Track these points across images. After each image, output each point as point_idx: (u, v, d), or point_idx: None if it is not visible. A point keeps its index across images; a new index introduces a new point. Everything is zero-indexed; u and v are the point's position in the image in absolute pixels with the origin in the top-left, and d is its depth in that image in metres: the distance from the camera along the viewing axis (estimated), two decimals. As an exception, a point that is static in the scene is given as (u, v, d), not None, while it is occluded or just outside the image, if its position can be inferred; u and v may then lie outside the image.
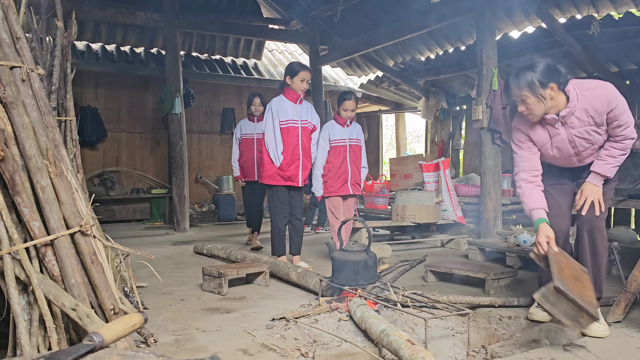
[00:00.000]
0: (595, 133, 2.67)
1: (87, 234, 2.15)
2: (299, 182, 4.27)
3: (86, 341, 1.14)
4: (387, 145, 16.08)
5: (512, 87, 2.66)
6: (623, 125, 2.63)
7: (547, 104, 2.61)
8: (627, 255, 4.11)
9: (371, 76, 9.09)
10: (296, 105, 4.27)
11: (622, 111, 2.60)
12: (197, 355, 2.43)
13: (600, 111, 2.61)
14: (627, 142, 2.67)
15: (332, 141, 4.56)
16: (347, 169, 4.55)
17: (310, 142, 4.37)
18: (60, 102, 3.00)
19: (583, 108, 2.64)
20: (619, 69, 6.24)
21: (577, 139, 2.70)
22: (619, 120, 2.62)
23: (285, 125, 4.22)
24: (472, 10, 5.43)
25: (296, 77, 4.19)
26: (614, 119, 2.62)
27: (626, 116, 2.62)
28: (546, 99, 2.60)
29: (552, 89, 2.58)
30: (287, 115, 4.23)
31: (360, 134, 4.72)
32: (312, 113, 4.41)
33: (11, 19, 2.16)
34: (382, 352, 2.43)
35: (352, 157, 4.58)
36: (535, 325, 2.94)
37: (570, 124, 2.67)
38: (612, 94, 2.60)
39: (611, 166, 2.69)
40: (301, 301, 3.37)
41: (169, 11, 7.30)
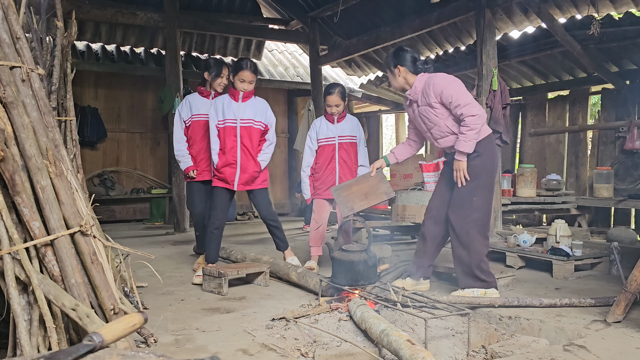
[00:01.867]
0: (431, 114, 3.27)
1: (87, 234, 2.15)
2: (234, 185, 3.97)
3: (86, 341, 1.14)
4: (387, 145, 16.06)
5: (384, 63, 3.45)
6: (458, 106, 3.13)
7: (398, 80, 3.35)
8: (627, 255, 4.11)
9: (371, 76, 9.09)
10: (240, 104, 4.00)
11: (451, 94, 3.14)
12: (197, 355, 2.44)
13: (429, 94, 3.22)
14: (467, 119, 3.13)
15: (319, 140, 4.32)
16: (334, 170, 4.27)
17: (253, 142, 4.00)
18: (60, 102, 3.00)
19: (421, 91, 3.28)
20: (619, 69, 6.24)
21: (422, 117, 3.34)
22: (452, 102, 3.15)
23: (222, 125, 3.99)
24: (472, 10, 5.43)
25: (236, 76, 3.98)
26: (448, 101, 3.17)
27: (458, 97, 3.13)
28: (396, 76, 3.33)
29: (399, 69, 3.30)
30: (225, 114, 3.98)
31: (356, 129, 4.38)
32: (264, 111, 4.10)
33: (11, 19, 2.16)
34: (382, 352, 2.43)
35: (342, 156, 4.28)
36: (535, 325, 2.95)
37: (418, 103, 3.33)
38: (438, 82, 3.20)
39: (463, 141, 3.17)
40: (301, 301, 3.37)
41: (169, 11, 7.30)
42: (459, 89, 3.18)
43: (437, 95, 3.19)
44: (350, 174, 4.27)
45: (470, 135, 3.14)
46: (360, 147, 4.39)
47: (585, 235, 5.34)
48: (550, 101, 7.23)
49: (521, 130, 7.62)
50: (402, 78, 3.32)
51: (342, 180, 4.19)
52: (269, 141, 4.12)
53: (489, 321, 3.07)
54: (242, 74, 3.95)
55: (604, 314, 3.00)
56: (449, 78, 3.25)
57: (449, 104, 3.17)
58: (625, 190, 5.84)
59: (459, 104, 3.12)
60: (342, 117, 4.33)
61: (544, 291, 3.66)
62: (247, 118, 3.99)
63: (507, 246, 4.55)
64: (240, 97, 4.00)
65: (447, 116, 3.23)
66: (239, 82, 3.97)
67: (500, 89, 5.17)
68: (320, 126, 4.35)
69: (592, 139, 6.76)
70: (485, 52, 5.20)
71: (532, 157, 7.28)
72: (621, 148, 6.14)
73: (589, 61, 5.82)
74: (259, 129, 4.06)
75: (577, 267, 4.19)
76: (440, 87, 3.17)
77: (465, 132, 3.14)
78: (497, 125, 5.15)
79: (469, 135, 3.14)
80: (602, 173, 5.76)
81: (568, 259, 4.08)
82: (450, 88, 3.16)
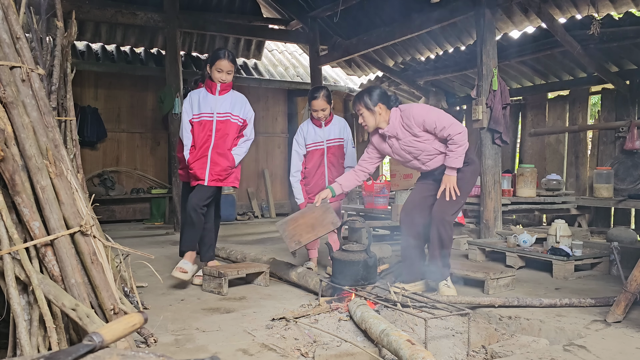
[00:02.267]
0: (417, 142, 3.37)
1: (87, 234, 2.15)
2: (205, 179, 3.74)
3: (86, 341, 1.14)
4: (387, 145, 16.05)
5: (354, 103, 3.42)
6: (444, 129, 3.25)
7: (377, 118, 3.37)
8: (627, 255, 4.12)
9: (371, 76, 9.09)
10: (217, 97, 3.78)
11: (433, 120, 3.26)
12: (197, 355, 2.44)
13: (410, 126, 3.32)
14: (455, 137, 3.25)
15: (307, 145, 4.21)
16: (324, 174, 4.21)
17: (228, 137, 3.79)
18: (60, 102, 3.00)
19: (401, 125, 3.36)
20: (619, 69, 6.24)
21: (408, 148, 3.40)
22: (437, 127, 3.26)
23: (197, 119, 3.78)
24: (472, 10, 5.43)
25: (213, 66, 3.74)
26: (432, 127, 3.28)
27: (441, 121, 3.26)
28: (376, 114, 3.36)
29: (380, 107, 3.34)
30: (201, 108, 3.78)
31: (344, 131, 4.28)
32: (243, 105, 3.87)
33: (11, 19, 2.16)
34: (382, 352, 2.43)
35: (330, 159, 4.21)
36: (535, 325, 2.95)
37: (398, 137, 3.39)
38: (416, 113, 3.31)
39: (453, 158, 3.30)
40: (301, 301, 3.37)
41: (169, 11, 7.30)
42: (438, 113, 3.33)
43: (420, 125, 3.30)
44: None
45: (460, 151, 3.30)
46: (348, 148, 4.29)
47: (585, 235, 5.34)
48: (550, 101, 7.23)
49: (521, 130, 7.62)
50: (380, 116, 3.37)
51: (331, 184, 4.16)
52: (246, 137, 3.92)
53: (489, 321, 3.07)
54: (219, 63, 3.73)
55: (604, 314, 3.00)
56: (424, 107, 3.41)
57: (433, 130, 3.29)
58: (625, 190, 5.84)
59: (444, 126, 3.25)
60: (329, 120, 4.22)
61: (544, 291, 3.66)
62: (224, 112, 3.78)
63: (507, 246, 4.55)
64: (218, 89, 3.78)
65: (432, 140, 3.36)
66: (216, 72, 3.74)
67: (500, 89, 5.17)
68: (307, 131, 4.23)
69: (592, 139, 6.76)
70: (485, 52, 5.20)
71: (532, 157, 7.28)
72: (621, 148, 6.14)
73: (589, 61, 5.82)
74: (236, 123, 3.82)
75: (577, 267, 4.19)
76: (420, 117, 3.29)
77: (454, 150, 3.29)
78: (497, 125, 5.15)
79: (459, 151, 3.29)
80: (602, 173, 5.76)
81: (568, 259, 4.08)
82: (430, 115, 3.29)
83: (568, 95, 6.98)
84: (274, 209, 9.62)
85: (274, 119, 9.94)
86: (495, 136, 5.22)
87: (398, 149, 3.44)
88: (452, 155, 3.31)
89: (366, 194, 6.53)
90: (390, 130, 3.39)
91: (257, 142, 9.25)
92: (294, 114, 9.82)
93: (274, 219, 9.21)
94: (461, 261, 4.50)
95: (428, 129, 3.30)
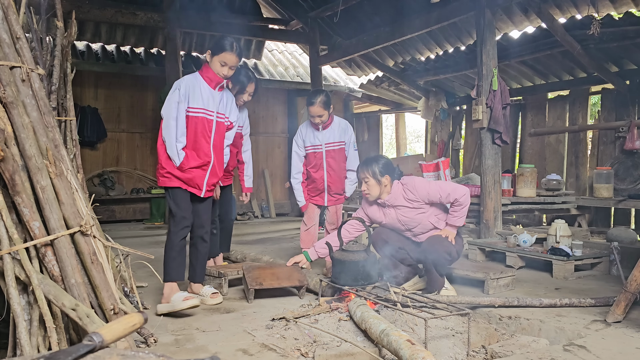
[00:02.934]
0: (416, 215, 3.43)
1: (87, 234, 2.15)
2: (202, 191, 3.27)
3: (86, 341, 1.14)
4: (387, 145, 16.07)
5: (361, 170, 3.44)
6: (448, 195, 3.33)
7: (381, 188, 3.40)
8: (627, 255, 4.12)
9: (371, 76, 9.09)
10: (215, 92, 3.29)
11: (436, 191, 3.34)
12: (197, 355, 2.44)
13: (412, 199, 3.39)
14: (461, 199, 3.33)
15: (306, 147, 4.12)
16: (323, 178, 4.13)
17: (223, 142, 3.39)
18: (60, 102, 3.00)
19: (402, 197, 3.41)
20: (619, 69, 6.24)
21: (404, 218, 3.46)
22: (441, 196, 3.34)
23: (193, 114, 3.22)
24: (472, 10, 5.43)
25: (216, 57, 3.23)
26: (437, 198, 3.35)
27: (443, 190, 3.34)
28: (382, 185, 3.39)
29: (387, 178, 3.39)
30: (198, 101, 3.23)
31: (346, 133, 4.16)
32: (232, 106, 3.45)
33: (11, 19, 2.16)
34: (382, 352, 2.43)
35: (330, 163, 4.11)
36: (535, 325, 2.95)
37: (397, 207, 3.44)
38: (419, 186, 3.38)
39: (457, 218, 3.39)
40: (301, 301, 3.37)
41: (169, 11, 7.29)
42: (437, 184, 3.44)
43: (424, 197, 3.38)
44: (339, 181, 4.16)
45: (464, 211, 3.39)
46: (350, 150, 4.18)
47: (585, 235, 5.34)
48: (550, 101, 7.23)
49: (521, 130, 7.62)
50: (385, 187, 3.41)
51: (330, 188, 4.16)
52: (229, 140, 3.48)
53: (489, 321, 3.07)
54: (225, 56, 3.21)
55: (604, 314, 3.00)
56: (424, 181, 3.49)
57: (439, 199, 3.38)
58: (625, 190, 5.84)
59: (448, 193, 3.34)
60: (328, 124, 4.08)
61: (544, 291, 3.66)
62: (222, 112, 3.34)
63: (507, 246, 4.55)
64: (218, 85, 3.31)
65: (430, 213, 3.45)
66: (219, 64, 3.23)
67: (500, 89, 5.17)
68: (306, 133, 4.14)
69: (592, 139, 6.76)
70: (485, 52, 5.20)
71: (532, 157, 7.28)
72: (621, 148, 6.14)
73: (589, 61, 5.82)
74: (226, 126, 3.39)
75: (577, 267, 4.19)
76: (424, 189, 3.37)
77: (458, 210, 3.38)
78: (497, 125, 5.15)
79: (463, 211, 3.39)
80: (602, 173, 5.76)
81: (568, 259, 4.08)
82: (432, 188, 3.38)
83: (568, 95, 6.98)
84: (274, 209, 9.62)
85: (274, 119, 9.94)
86: (495, 136, 5.22)
87: (394, 218, 3.49)
88: (456, 215, 3.39)
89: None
90: (390, 200, 3.43)
91: (257, 142, 9.25)
92: (294, 114, 9.81)
93: (274, 219, 9.22)
94: (461, 261, 4.49)
95: (433, 200, 3.37)
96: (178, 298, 3.09)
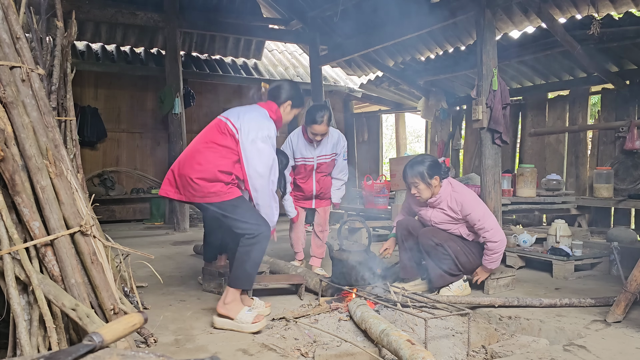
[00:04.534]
0: (449, 223, 3.44)
1: (87, 234, 2.15)
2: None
3: (86, 341, 1.14)
4: (387, 145, 16.07)
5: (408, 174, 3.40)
6: (483, 229, 3.30)
7: (432, 190, 3.37)
8: (627, 255, 4.11)
9: (371, 76, 9.08)
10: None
11: (478, 218, 3.30)
12: (197, 355, 2.44)
13: (455, 210, 3.36)
14: (489, 244, 3.31)
15: (297, 159, 4.03)
16: (311, 187, 4.13)
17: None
18: (60, 102, 3.00)
19: (447, 202, 3.39)
20: (619, 69, 6.24)
21: (435, 221, 3.47)
22: (477, 225, 3.32)
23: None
24: (472, 10, 5.42)
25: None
26: (473, 223, 3.33)
27: (484, 222, 3.29)
28: (432, 186, 3.36)
29: (436, 179, 3.35)
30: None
31: (337, 145, 4.08)
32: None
33: (11, 19, 2.16)
34: (382, 352, 2.43)
35: (320, 174, 4.11)
36: (535, 325, 2.94)
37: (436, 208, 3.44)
38: (466, 202, 3.32)
39: (489, 262, 3.38)
40: (301, 301, 3.37)
41: (169, 11, 7.30)
42: (485, 212, 3.36)
43: (465, 215, 3.36)
44: (327, 188, 4.18)
45: (496, 257, 3.36)
46: (339, 160, 4.13)
47: (585, 235, 5.33)
48: (550, 101, 7.22)
49: (521, 130, 7.61)
50: (435, 188, 3.39)
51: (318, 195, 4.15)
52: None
53: (489, 321, 3.07)
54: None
55: (604, 314, 3.00)
56: (475, 200, 3.41)
57: (473, 225, 3.35)
58: (625, 190, 5.84)
59: (484, 228, 3.31)
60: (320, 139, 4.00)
61: (544, 291, 3.66)
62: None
63: (507, 246, 4.55)
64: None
65: (460, 225, 3.45)
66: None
67: (500, 89, 5.16)
68: (297, 144, 4.03)
69: (592, 139, 6.75)
70: (485, 52, 5.19)
71: (532, 157, 7.28)
72: (621, 148, 6.13)
73: (589, 61, 5.82)
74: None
75: (577, 267, 4.19)
76: (469, 209, 3.33)
77: (489, 255, 3.36)
78: (497, 125, 5.14)
79: (495, 257, 3.36)
80: (602, 173, 5.76)
81: (568, 259, 4.08)
82: (477, 211, 3.33)
83: (568, 95, 6.98)
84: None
85: (274, 119, 9.93)
86: (495, 136, 5.21)
87: (428, 214, 3.51)
88: (487, 259, 3.39)
89: (366, 194, 6.53)
90: (435, 201, 3.43)
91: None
92: (294, 114, 9.80)
93: (274, 219, 9.19)
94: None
95: (469, 220, 3.36)
96: (246, 319, 2.76)
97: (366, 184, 6.56)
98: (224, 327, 2.80)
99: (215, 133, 2.89)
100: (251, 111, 2.96)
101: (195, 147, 2.91)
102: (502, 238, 3.33)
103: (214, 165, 2.80)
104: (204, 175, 2.79)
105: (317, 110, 3.84)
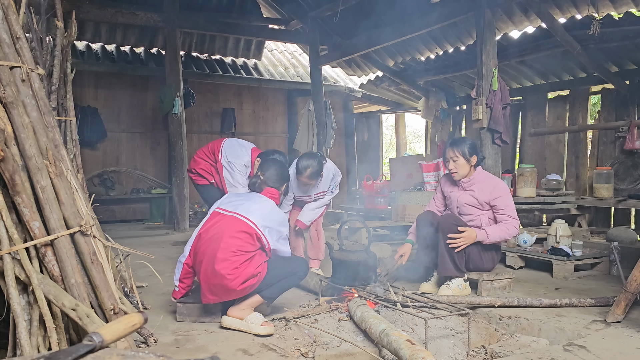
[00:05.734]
0: (475, 207, 3.56)
1: (87, 234, 2.15)
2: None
3: (86, 341, 1.14)
4: (387, 145, 16.07)
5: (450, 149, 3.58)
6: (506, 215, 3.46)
7: (468, 167, 3.55)
8: (627, 255, 4.12)
9: (371, 76, 9.08)
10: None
11: (507, 204, 3.48)
12: (197, 355, 2.44)
13: (486, 192, 3.51)
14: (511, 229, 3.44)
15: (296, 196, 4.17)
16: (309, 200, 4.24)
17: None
18: (60, 102, 3.00)
19: (479, 183, 3.57)
20: (619, 69, 6.24)
21: (462, 204, 3.59)
22: (503, 209, 3.47)
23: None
24: (472, 10, 5.42)
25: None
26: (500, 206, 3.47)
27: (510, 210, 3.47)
28: (470, 163, 3.55)
29: (475, 158, 3.55)
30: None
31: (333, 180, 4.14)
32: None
33: (11, 19, 2.15)
34: (382, 352, 2.43)
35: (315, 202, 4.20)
36: (535, 325, 2.94)
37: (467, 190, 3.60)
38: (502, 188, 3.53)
39: (493, 233, 3.44)
40: (301, 301, 3.37)
41: (169, 11, 7.29)
42: (512, 203, 3.55)
43: (495, 197, 3.50)
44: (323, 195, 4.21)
45: (502, 235, 3.45)
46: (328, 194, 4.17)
47: (585, 235, 5.33)
48: (550, 101, 7.22)
49: (521, 130, 7.61)
50: (471, 167, 3.58)
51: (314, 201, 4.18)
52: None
53: (489, 321, 3.07)
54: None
55: (604, 314, 3.00)
56: (507, 187, 3.62)
57: (499, 211, 3.49)
58: (625, 190, 5.84)
59: (509, 215, 3.48)
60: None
61: (544, 291, 3.66)
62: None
63: (507, 246, 4.55)
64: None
65: (484, 213, 3.56)
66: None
67: (500, 89, 5.16)
68: (297, 187, 4.09)
69: (592, 139, 6.75)
70: (485, 52, 5.20)
71: (532, 157, 7.28)
72: (621, 148, 6.13)
73: (589, 61, 5.82)
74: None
75: (577, 267, 4.19)
76: (501, 191, 3.51)
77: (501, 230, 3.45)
78: (497, 125, 5.15)
79: (501, 234, 3.45)
80: (602, 173, 5.76)
81: (568, 259, 4.08)
82: (508, 199, 3.52)
83: (568, 95, 6.98)
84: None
85: (274, 119, 9.94)
86: (495, 136, 5.22)
87: (456, 197, 3.65)
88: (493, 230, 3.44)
89: (366, 194, 6.54)
90: (467, 183, 3.59)
91: (256, 142, 9.21)
92: (294, 113, 9.82)
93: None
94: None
95: (497, 203, 3.49)
96: (255, 321, 2.80)
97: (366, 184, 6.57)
98: (232, 326, 2.81)
99: (245, 244, 2.82)
100: (265, 207, 3.02)
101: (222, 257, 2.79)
102: (517, 231, 3.50)
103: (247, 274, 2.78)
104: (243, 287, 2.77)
105: (301, 164, 3.83)
